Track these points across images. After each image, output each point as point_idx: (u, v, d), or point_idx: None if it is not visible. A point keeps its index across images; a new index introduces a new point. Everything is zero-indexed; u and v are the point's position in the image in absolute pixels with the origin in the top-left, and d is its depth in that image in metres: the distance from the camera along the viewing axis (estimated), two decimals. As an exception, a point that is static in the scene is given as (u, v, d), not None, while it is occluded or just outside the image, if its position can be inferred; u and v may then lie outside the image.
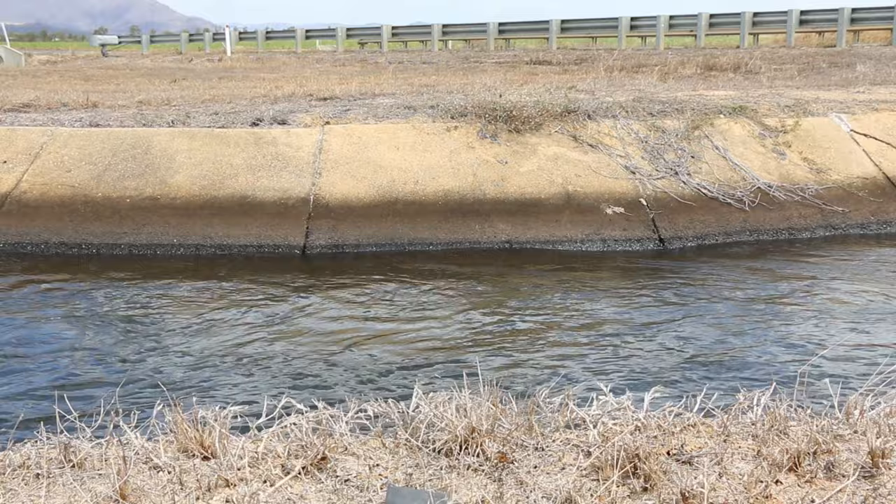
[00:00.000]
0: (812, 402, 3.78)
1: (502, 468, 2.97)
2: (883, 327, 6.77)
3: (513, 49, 29.85)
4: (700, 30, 27.25)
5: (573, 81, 15.39)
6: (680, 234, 9.74)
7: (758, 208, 10.19)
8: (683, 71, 17.64)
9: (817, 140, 11.52)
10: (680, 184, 10.36)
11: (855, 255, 9.15)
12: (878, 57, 19.25)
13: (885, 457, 3.00)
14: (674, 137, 11.02)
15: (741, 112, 11.80)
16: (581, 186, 10.09)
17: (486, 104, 11.05)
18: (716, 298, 7.58)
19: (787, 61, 19.24)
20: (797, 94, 13.14)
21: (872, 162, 11.32)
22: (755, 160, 10.93)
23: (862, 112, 12.37)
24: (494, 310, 7.19)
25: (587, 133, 10.89)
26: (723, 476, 2.92)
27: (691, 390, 3.76)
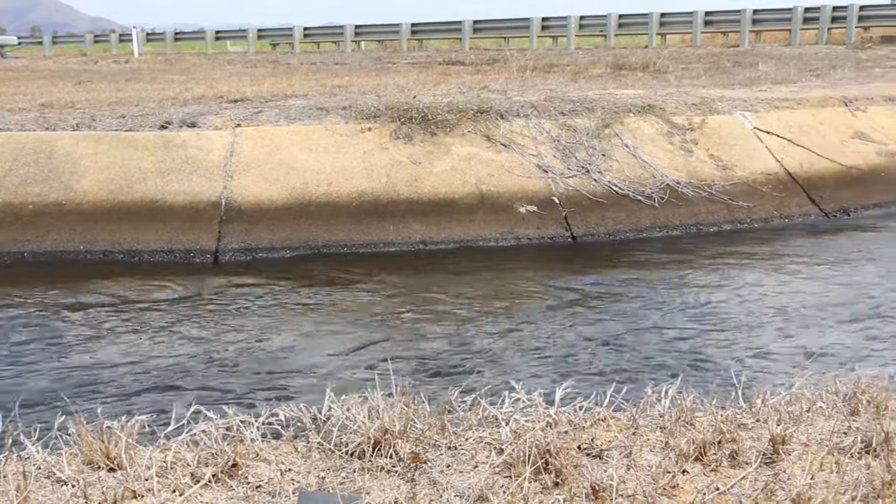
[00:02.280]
0: (719, 392, 3.86)
1: (415, 468, 2.97)
2: (786, 318, 6.97)
3: (426, 49, 29.89)
4: (610, 30, 27.69)
5: (486, 82, 15.49)
6: (592, 231, 9.88)
7: (667, 205, 10.39)
8: (594, 70, 17.89)
9: (723, 137, 11.81)
10: (591, 182, 10.50)
11: (759, 249, 9.39)
12: (778, 56, 19.83)
13: (784, 443, 3.09)
14: (585, 136, 11.17)
15: (650, 110, 12.03)
16: (495, 186, 10.16)
17: (400, 105, 11.05)
18: (626, 294, 7.71)
19: (693, 61, 19.68)
20: (703, 93, 13.45)
21: (775, 158, 11.65)
22: (664, 158, 11.15)
23: (765, 110, 12.73)
24: (407, 311, 7.19)
25: (500, 133, 10.96)
26: (631, 468, 2.97)
27: (602, 385, 3.81)
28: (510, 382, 3.61)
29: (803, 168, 11.62)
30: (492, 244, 9.49)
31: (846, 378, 3.74)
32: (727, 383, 3.82)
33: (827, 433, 3.27)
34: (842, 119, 13.09)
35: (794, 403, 3.53)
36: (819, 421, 3.39)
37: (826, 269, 8.54)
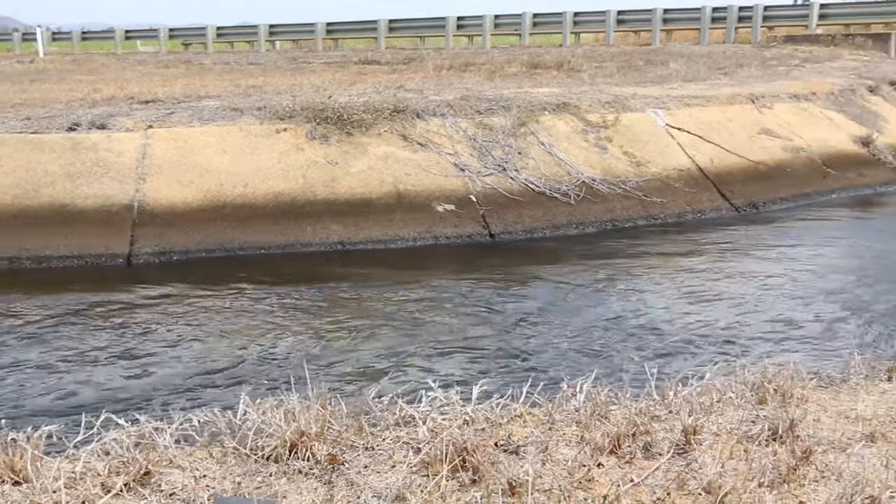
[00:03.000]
0: (633, 385, 3.93)
1: (333, 470, 2.95)
2: (700, 311, 7.12)
3: (341, 49, 29.71)
4: (525, 29, 27.92)
5: (402, 81, 15.48)
6: (509, 228, 9.95)
7: (583, 201, 10.52)
8: (509, 69, 18.01)
9: (636, 135, 12.01)
10: (508, 180, 10.58)
11: (672, 244, 9.58)
12: (689, 55, 20.24)
13: (696, 433, 3.16)
14: (501, 134, 11.24)
15: (565, 108, 12.16)
16: (412, 185, 10.16)
17: (316, 105, 10.97)
18: (542, 291, 7.79)
19: (606, 59, 19.97)
20: (617, 91, 13.65)
21: (686, 154, 11.89)
22: (579, 155, 11.29)
23: (676, 107, 12.98)
24: (323, 312, 7.14)
25: (417, 132, 10.97)
26: (548, 463, 3.00)
27: (519, 381, 3.84)
28: (427, 381, 3.61)
29: (714, 164, 11.89)
30: (410, 243, 9.49)
31: (754, 368, 3.84)
32: (641, 376, 3.88)
33: (736, 422, 3.36)
34: (749, 116, 13.44)
35: (705, 394, 3.60)
36: (729, 410, 3.47)
37: (736, 262, 8.75)
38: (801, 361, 4.57)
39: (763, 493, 2.82)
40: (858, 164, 13.15)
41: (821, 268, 8.52)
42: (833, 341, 6.28)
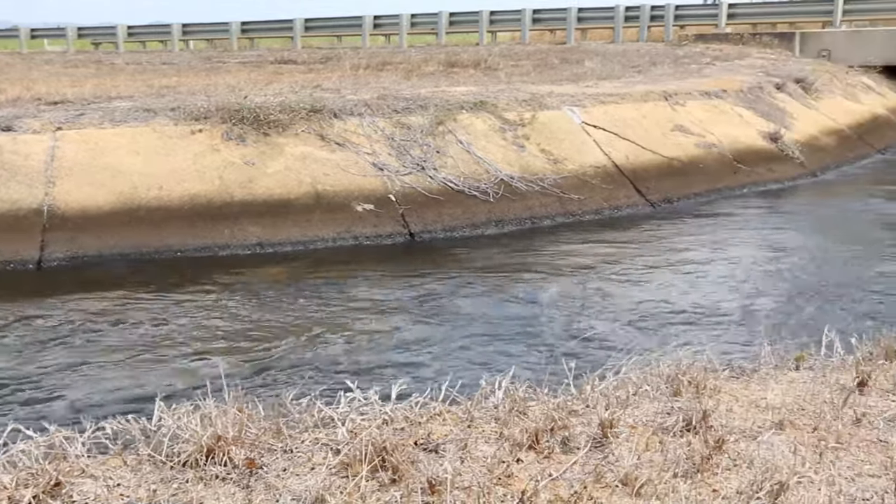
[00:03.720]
0: (552, 381, 3.96)
1: (251, 474, 2.92)
2: (618, 305, 7.24)
3: (257, 49, 29.38)
4: (441, 28, 28.00)
5: (319, 80, 15.38)
6: (429, 227, 9.97)
7: (502, 199, 10.59)
8: (427, 68, 18.03)
9: (553, 132, 12.14)
10: (427, 179, 10.59)
11: (590, 240, 9.70)
12: (603, 53, 20.53)
13: (612, 427, 3.20)
14: (419, 133, 11.25)
15: (482, 107, 12.23)
16: (331, 185, 10.10)
17: (231, 106, 10.83)
18: (461, 289, 7.82)
19: (523, 58, 20.13)
20: (533, 89, 13.78)
21: (603, 152, 12.06)
22: (497, 153, 11.36)
23: (592, 105, 13.16)
24: (241, 315, 7.05)
25: (334, 132, 10.91)
26: (467, 460, 3.01)
27: (439, 379, 3.85)
28: (346, 382, 3.59)
29: (629, 160, 12.08)
30: (330, 244, 9.43)
31: (669, 361, 3.91)
32: (560, 372, 3.92)
33: (652, 414, 3.42)
34: (663, 113, 13.69)
35: (621, 388, 3.66)
36: (645, 403, 3.53)
37: (652, 256, 8.91)
38: (714, 353, 4.68)
39: (678, 483, 2.87)
40: (768, 160, 13.50)
41: (732, 261, 8.73)
42: (745, 332, 6.44)
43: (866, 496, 2.82)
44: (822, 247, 9.45)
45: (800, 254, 9.09)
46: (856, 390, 3.69)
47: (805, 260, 8.83)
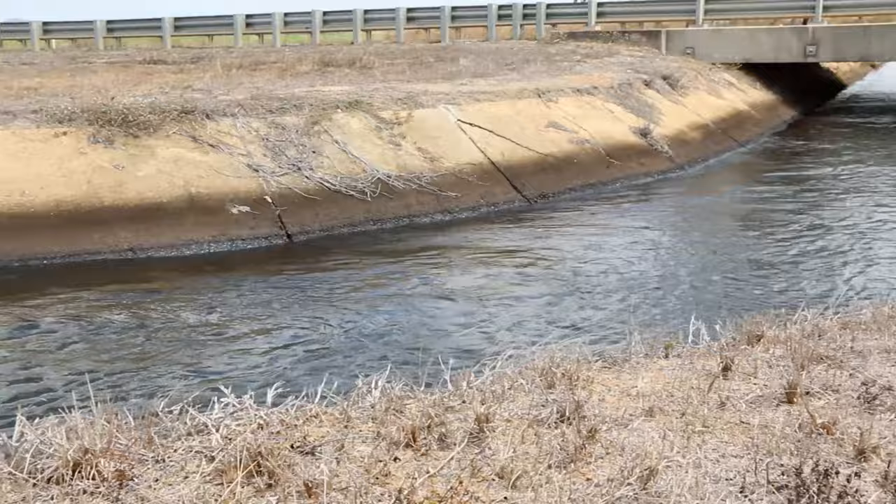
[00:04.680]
0: (430, 378, 3.98)
1: (120, 487, 2.83)
2: (495, 300, 7.32)
3: (125, 48, 28.50)
4: (315, 27, 27.77)
5: (190, 81, 15.04)
6: (307, 228, 9.88)
7: (379, 198, 10.59)
8: (301, 67, 17.86)
9: (429, 130, 12.20)
10: (303, 179, 10.50)
11: (466, 236, 9.80)
12: (477, 52, 20.74)
13: (489, 421, 3.24)
14: (294, 134, 11.14)
15: (358, 106, 12.19)
16: (205, 188, 9.90)
17: (98, 107, 10.49)
18: (338, 289, 7.78)
19: (398, 56, 20.15)
20: (408, 88, 13.81)
21: (479, 149, 12.18)
22: (374, 152, 11.34)
23: (467, 103, 13.28)
24: (109, 323, 6.85)
25: (207, 133, 10.70)
26: (344, 461, 3.00)
27: (315, 382, 3.82)
28: (220, 388, 3.53)
29: (505, 157, 12.24)
30: (205, 248, 9.25)
31: (544, 354, 3.98)
32: (438, 369, 3.94)
33: (527, 407, 3.47)
34: (537, 110, 13.93)
35: (497, 383, 3.71)
36: (520, 397, 3.58)
37: (528, 251, 9.05)
38: (588, 344, 4.80)
39: (552, 473, 2.93)
40: (638, 154, 13.89)
41: (605, 253, 8.95)
42: (618, 321, 6.61)
43: (730, 476, 2.94)
44: (689, 237, 9.79)
45: (668, 244, 9.39)
46: (720, 375, 3.83)
47: (673, 250, 9.13)
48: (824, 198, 11.95)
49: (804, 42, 20.75)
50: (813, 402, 3.52)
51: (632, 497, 2.76)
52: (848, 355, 4.07)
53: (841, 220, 10.35)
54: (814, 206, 11.42)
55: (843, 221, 10.30)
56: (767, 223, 10.35)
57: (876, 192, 12.21)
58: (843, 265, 8.41)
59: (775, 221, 10.43)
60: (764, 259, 8.69)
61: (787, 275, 8.13)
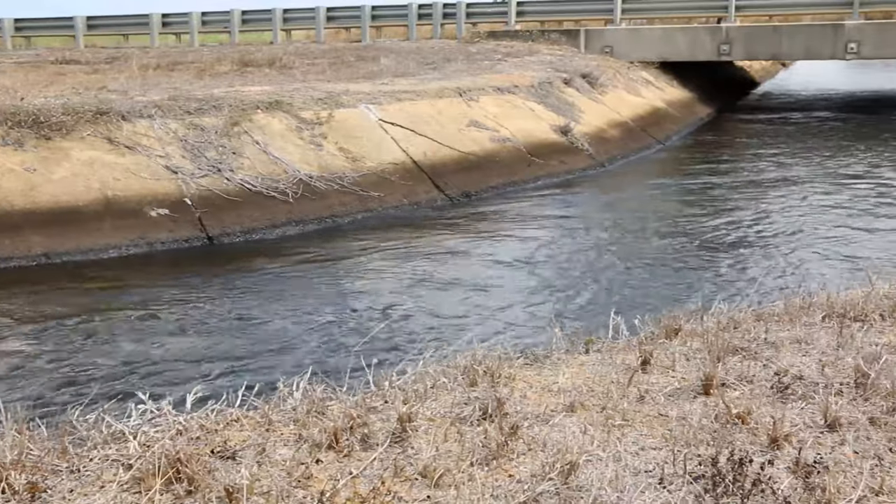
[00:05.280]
0: (353, 379, 3.96)
1: (33, 499, 2.75)
2: (418, 299, 7.33)
3: (35, 48, 27.74)
4: (234, 27, 27.43)
5: (105, 81, 14.73)
6: (228, 230, 9.77)
7: (301, 199, 10.51)
8: (220, 68, 17.63)
9: (350, 130, 12.15)
10: (224, 180, 10.36)
11: (389, 236, 9.78)
12: (398, 51, 20.72)
13: (411, 420, 3.24)
14: (214, 135, 10.99)
15: (278, 107, 12.08)
16: (121, 190, 9.71)
17: (6, 108, 10.20)
18: (257, 291, 7.71)
19: (318, 56, 20.02)
20: (329, 88, 13.74)
21: (401, 148, 12.18)
22: (295, 153, 11.26)
23: (388, 102, 13.26)
24: (18, 332, 6.66)
25: (123, 135, 10.49)
26: (265, 465, 2.96)
27: (236, 385, 3.77)
28: (138, 395, 3.46)
29: (427, 156, 12.26)
30: (123, 251, 9.08)
31: (466, 352, 4.00)
32: (360, 369, 3.93)
33: (450, 405, 3.48)
34: (458, 109, 13.98)
35: (419, 382, 3.71)
36: (443, 395, 3.59)
37: (450, 250, 9.08)
38: (510, 340, 4.83)
39: (475, 470, 2.94)
40: (559, 152, 14.04)
41: (527, 249, 9.03)
42: (540, 318, 6.67)
43: (649, 468, 2.98)
44: (610, 233, 9.93)
45: (589, 240, 9.51)
46: (639, 369, 3.89)
47: (594, 246, 9.24)
48: (740, 192, 12.23)
49: (718, 41, 21.22)
50: (729, 393, 3.59)
51: (553, 492, 2.78)
52: (762, 346, 4.16)
53: (757, 214, 10.61)
54: (730, 200, 11.69)
55: (759, 214, 10.56)
56: (685, 218, 10.56)
57: (790, 185, 12.55)
58: (760, 257, 8.62)
59: (693, 216, 10.64)
60: (683, 253, 8.86)
61: (706, 268, 8.30)
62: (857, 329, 4.37)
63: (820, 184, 12.67)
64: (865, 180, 12.83)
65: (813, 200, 11.45)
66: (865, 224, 9.96)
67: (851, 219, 10.27)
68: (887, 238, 9.31)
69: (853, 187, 12.31)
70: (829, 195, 11.79)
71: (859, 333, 4.29)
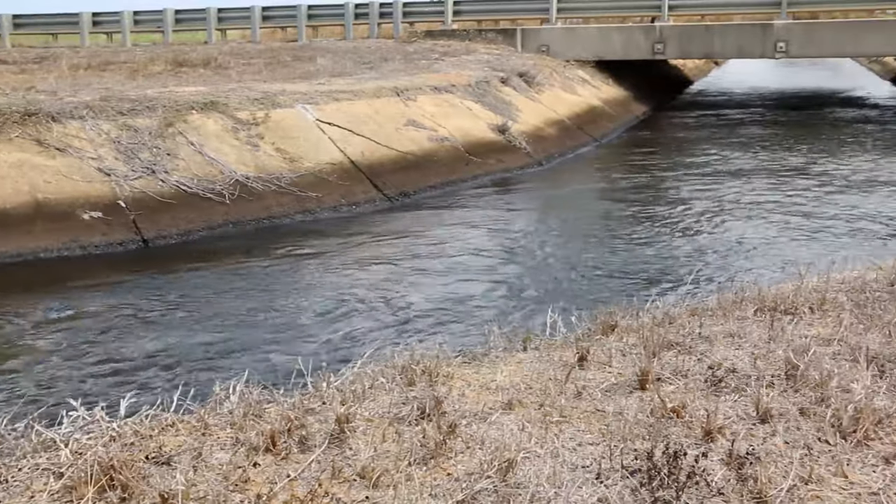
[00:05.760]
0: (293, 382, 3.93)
1: (-41, 511, 2.69)
2: (356, 298, 7.30)
3: (-40, 48, 27.08)
4: (167, 26, 27.06)
5: (33, 82, 14.43)
6: (164, 232, 9.63)
7: (238, 200, 10.41)
8: (153, 68, 17.37)
9: (287, 131, 12.06)
10: (159, 182, 10.21)
11: (326, 236, 9.73)
12: (335, 51, 20.62)
13: (349, 421, 3.23)
14: (148, 136, 10.82)
15: (213, 107, 11.94)
16: (52, 193, 9.51)
17: (-71, 110, 9.94)
18: (193, 294, 7.62)
19: (254, 56, 19.84)
20: (265, 88, 13.62)
21: (338, 148, 12.12)
22: (231, 153, 11.14)
23: (325, 102, 13.19)
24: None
25: (53, 136, 10.27)
26: (201, 470, 2.93)
27: (171, 390, 3.72)
28: (69, 402, 3.40)
29: (365, 156, 12.22)
30: (55, 255, 8.89)
31: (404, 352, 4.00)
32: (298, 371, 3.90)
33: (388, 406, 3.47)
34: (396, 108, 13.95)
35: (357, 382, 3.69)
36: (381, 395, 3.58)
37: (388, 249, 9.07)
38: (447, 340, 4.84)
39: (413, 470, 2.94)
40: (497, 151, 14.10)
41: (464, 248, 9.05)
42: (476, 316, 6.69)
43: (586, 463, 3.01)
44: (547, 230, 10.00)
45: (527, 238, 9.57)
46: (577, 365, 3.93)
47: (532, 243, 9.30)
48: (675, 188, 12.41)
49: (652, 40, 21.50)
50: (664, 388, 3.64)
51: (491, 490, 2.79)
52: (696, 341, 4.23)
53: (691, 209, 10.77)
54: (665, 196, 11.85)
55: (693, 209, 10.73)
56: (621, 215, 10.68)
57: (723, 179, 12.77)
58: (695, 252, 8.75)
59: (628, 213, 10.77)
60: (619, 249, 8.96)
61: (642, 264, 8.40)
62: (787, 322, 4.46)
63: (753, 178, 12.92)
64: (797, 173, 13.12)
65: (746, 194, 11.67)
66: (798, 217, 10.19)
67: (784, 212, 10.49)
68: (819, 230, 9.53)
69: (786, 181, 12.58)
70: (762, 189, 12.03)
71: (790, 326, 4.38)
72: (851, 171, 13.38)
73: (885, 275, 5.21)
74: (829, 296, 4.82)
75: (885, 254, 8.48)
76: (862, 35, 20.30)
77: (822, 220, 10.05)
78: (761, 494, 2.77)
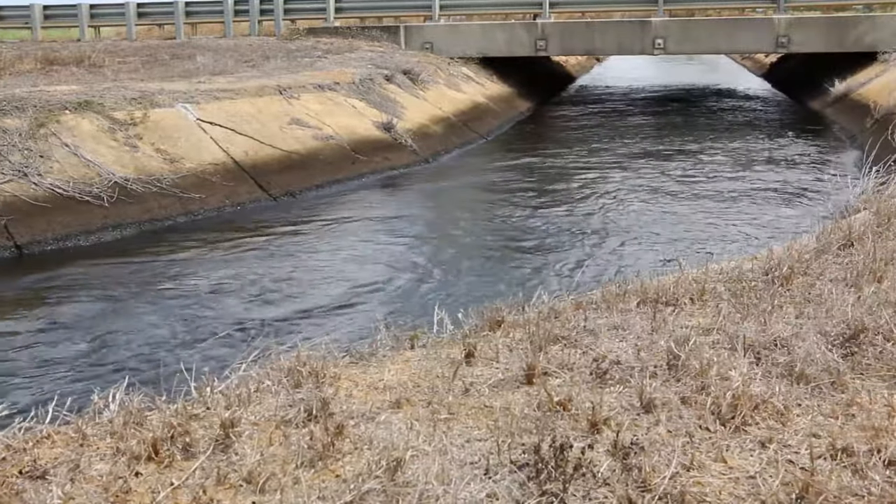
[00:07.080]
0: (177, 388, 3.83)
1: None
2: (239, 302, 7.19)
3: None
4: (35, 22, 26.06)
5: None
6: (39, 238, 9.29)
7: (118, 203, 10.12)
8: (22, 66, 16.72)
9: (167, 131, 11.78)
10: (32, 186, 9.84)
11: (210, 238, 9.56)
12: (215, 48, 20.22)
13: (234, 426, 3.17)
14: (18, 137, 10.40)
15: (88, 107, 11.57)
16: (-85, 198, 9.06)
17: None
18: (68, 301, 7.40)
19: (130, 54, 19.31)
20: (143, 87, 13.27)
21: (221, 148, 11.90)
22: (109, 155, 10.82)
23: (206, 101, 12.93)
24: None
25: (-86, 139, 9.78)
26: (79, 482, 2.83)
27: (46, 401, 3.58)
28: (-65, 417, 3.24)
29: (248, 156, 12.04)
30: (-81, 264, 8.47)
31: (289, 353, 3.94)
32: (181, 377, 3.81)
33: (274, 409, 3.42)
34: (279, 107, 13.79)
35: (242, 386, 3.63)
36: (267, 398, 3.53)
37: (272, 250, 8.96)
38: (335, 339, 4.79)
39: (301, 473, 2.90)
40: (383, 149, 14.08)
41: (351, 248, 9.02)
42: (363, 316, 6.67)
43: (475, 459, 3.03)
44: (434, 228, 10.06)
45: (413, 236, 9.61)
46: (464, 362, 3.95)
47: (418, 241, 9.34)
48: (559, 182, 12.62)
49: (534, 37, 21.81)
50: (550, 382, 3.69)
51: (380, 489, 2.78)
52: (581, 334, 4.30)
53: (575, 202, 10.98)
54: (550, 190, 12.04)
55: (578, 202, 10.94)
56: (506, 210, 10.80)
57: (605, 171, 13.08)
58: (579, 245, 8.92)
59: (513, 208, 10.90)
60: (504, 244, 9.06)
61: (527, 258, 8.52)
62: (669, 313, 4.57)
63: (634, 169, 13.27)
64: (676, 164, 13.51)
65: (628, 185, 11.97)
66: (679, 207, 10.50)
67: (665, 203, 10.80)
68: (699, 221, 9.84)
69: (666, 172, 12.95)
70: (644, 180, 12.38)
71: (671, 317, 4.49)
72: (727, 153, 14.03)
73: (759, 265, 5.38)
74: (708, 286, 4.96)
75: (754, 223, 8.93)
76: (735, 32, 21.06)
77: (701, 200, 10.43)
78: (645, 483, 2.83)
